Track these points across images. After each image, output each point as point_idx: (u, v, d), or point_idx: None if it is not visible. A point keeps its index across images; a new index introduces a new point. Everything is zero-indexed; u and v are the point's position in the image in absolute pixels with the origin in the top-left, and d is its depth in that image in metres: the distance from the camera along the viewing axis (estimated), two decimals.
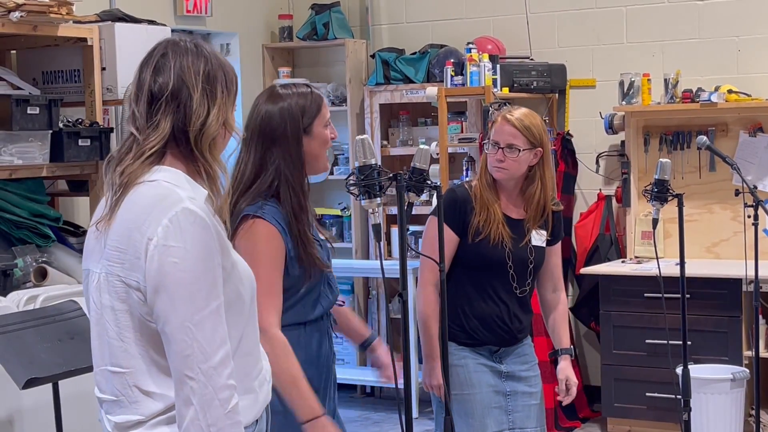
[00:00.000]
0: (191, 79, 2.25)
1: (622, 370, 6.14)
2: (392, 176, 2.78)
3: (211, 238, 2.18)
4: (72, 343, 3.94)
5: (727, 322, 5.85)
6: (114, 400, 2.26)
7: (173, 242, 2.14)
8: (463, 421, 3.70)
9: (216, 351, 2.14)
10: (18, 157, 4.75)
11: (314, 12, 7.24)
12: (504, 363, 3.78)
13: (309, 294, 3.07)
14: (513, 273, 3.73)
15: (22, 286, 4.72)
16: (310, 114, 3.06)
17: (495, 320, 3.73)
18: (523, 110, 3.73)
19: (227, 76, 2.32)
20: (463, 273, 3.72)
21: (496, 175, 3.71)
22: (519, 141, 3.64)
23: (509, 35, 6.91)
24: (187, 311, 2.13)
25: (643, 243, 6.50)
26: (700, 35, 6.49)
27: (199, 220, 2.17)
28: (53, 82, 5.26)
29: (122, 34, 5.13)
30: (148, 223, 2.16)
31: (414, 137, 7.11)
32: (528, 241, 3.75)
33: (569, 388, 3.83)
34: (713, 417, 5.53)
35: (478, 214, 3.70)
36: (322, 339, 3.13)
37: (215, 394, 2.13)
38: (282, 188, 3.01)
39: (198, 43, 2.33)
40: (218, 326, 2.16)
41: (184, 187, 2.23)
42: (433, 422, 6.44)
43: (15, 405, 4.37)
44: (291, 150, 3.02)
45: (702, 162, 6.42)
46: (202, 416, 2.13)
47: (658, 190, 4.04)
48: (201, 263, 2.15)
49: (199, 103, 2.25)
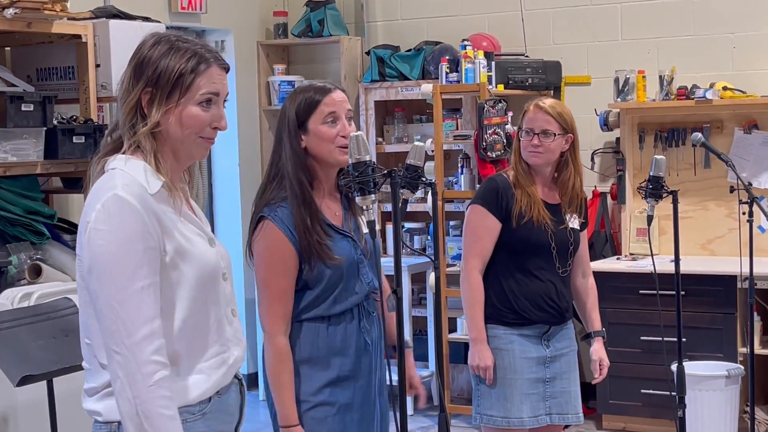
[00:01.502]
0: (130, 84, 2.38)
1: (618, 366, 6.11)
2: (387, 173, 2.78)
3: (138, 222, 2.30)
4: (66, 341, 3.93)
5: (722, 319, 5.86)
6: (88, 368, 2.43)
7: (101, 225, 2.29)
8: (500, 404, 3.87)
9: (139, 328, 2.27)
10: (12, 154, 4.74)
11: (309, 9, 7.24)
12: (551, 346, 3.93)
13: (329, 290, 3.12)
14: (556, 254, 3.89)
15: (17, 284, 4.71)
16: (305, 112, 3.11)
17: (544, 298, 3.88)
18: (552, 99, 3.98)
19: (160, 74, 2.37)
20: (508, 257, 3.88)
21: (531, 160, 3.88)
22: (553, 126, 3.85)
23: (504, 32, 6.91)
24: (111, 290, 2.27)
25: (638, 240, 6.51)
26: (695, 32, 6.50)
27: (127, 205, 2.30)
28: (47, 79, 5.26)
29: (116, 31, 5.12)
30: (89, 208, 2.34)
31: (409, 134, 7.10)
32: (566, 224, 3.91)
33: (602, 368, 4.06)
34: (708, 414, 5.54)
35: (520, 199, 3.86)
36: (348, 332, 3.16)
37: (138, 368, 2.26)
38: (285, 183, 3.11)
39: (178, 35, 2.43)
40: (142, 305, 2.28)
41: (138, 175, 2.34)
42: (428, 419, 6.47)
43: (9, 402, 4.37)
44: (290, 147, 3.12)
45: (697, 159, 6.42)
46: (127, 388, 2.26)
47: (653, 187, 4.05)
48: (125, 245, 2.28)
49: (148, 106, 2.38)
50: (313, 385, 3.14)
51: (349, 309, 3.15)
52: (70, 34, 5.02)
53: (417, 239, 6.92)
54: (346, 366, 3.16)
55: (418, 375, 3.39)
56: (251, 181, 7.23)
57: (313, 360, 3.14)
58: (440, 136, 6.51)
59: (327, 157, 3.12)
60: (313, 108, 3.11)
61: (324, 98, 3.12)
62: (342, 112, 3.14)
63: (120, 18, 5.26)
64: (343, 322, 3.15)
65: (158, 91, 2.36)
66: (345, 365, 3.15)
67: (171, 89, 2.36)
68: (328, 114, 3.11)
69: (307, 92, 3.15)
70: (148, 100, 2.37)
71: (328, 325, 3.14)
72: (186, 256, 2.39)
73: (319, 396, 3.13)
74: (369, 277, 3.19)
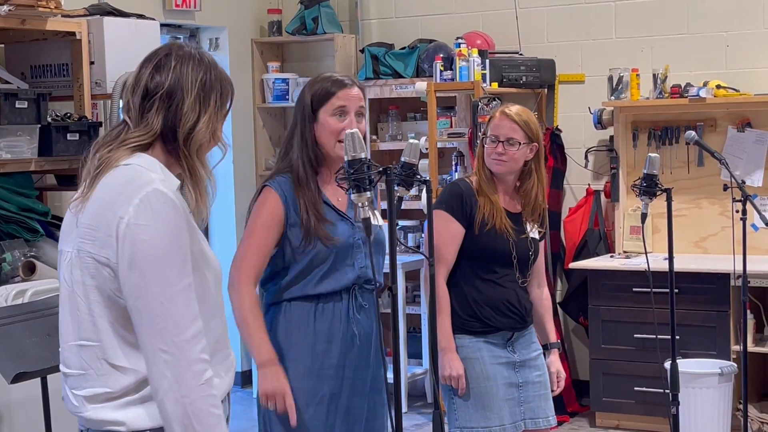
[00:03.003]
0: (188, 83, 2.35)
1: (611, 364, 6.15)
2: (382, 170, 2.79)
3: (179, 218, 2.26)
4: None
5: (716, 316, 5.87)
6: (81, 374, 2.31)
7: (143, 221, 2.22)
8: (479, 414, 3.78)
9: (188, 325, 2.22)
10: (6, 152, 4.74)
11: (303, 6, 7.24)
12: (517, 351, 3.86)
13: (316, 267, 3.20)
14: (516, 263, 3.83)
15: (11, 281, 4.71)
16: (317, 101, 3.27)
17: (506, 304, 3.82)
18: (517, 106, 3.88)
19: (223, 90, 2.42)
20: (468, 265, 3.82)
21: (495, 168, 3.82)
22: (518, 135, 3.78)
23: (498, 30, 6.92)
24: (159, 287, 2.21)
25: (632, 238, 6.52)
26: (689, 30, 6.51)
27: (169, 200, 2.26)
28: (42, 77, 5.25)
29: (111, 28, 5.12)
30: (119, 203, 2.25)
31: (403, 132, 7.10)
32: (527, 233, 3.85)
33: (559, 381, 3.97)
34: (701, 411, 5.55)
35: (482, 206, 3.80)
36: (335, 318, 3.23)
37: (189, 366, 2.20)
38: (294, 162, 3.27)
39: (203, 52, 2.43)
40: (190, 302, 2.24)
41: (156, 172, 2.31)
42: (422, 417, 6.47)
43: (3, 399, 4.37)
44: (302, 131, 3.27)
45: (690, 157, 6.43)
46: (176, 388, 2.19)
47: (647, 185, 4.05)
48: (171, 241, 2.23)
49: (190, 108, 2.35)
50: (298, 370, 3.20)
51: (337, 291, 3.23)
52: (64, 31, 5.02)
53: (411, 237, 6.93)
54: (333, 355, 3.22)
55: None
56: (245, 179, 7.23)
57: (300, 345, 3.21)
58: (434, 133, 6.52)
59: (329, 149, 3.26)
60: (327, 99, 3.26)
61: (339, 91, 3.26)
62: (353, 108, 3.27)
63: (114, 15, 5.25)
64: (330, 303, 3.22)
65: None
66: (331, 355, 3.22)
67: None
68: (338, 107, 3.25)
69: (325, 82, 3.29)
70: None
71: (316, 308, 3.21)
72: (206, 259, 2.37)
73: (304, 382, 3.20)
74: (363, 263, 3.26)
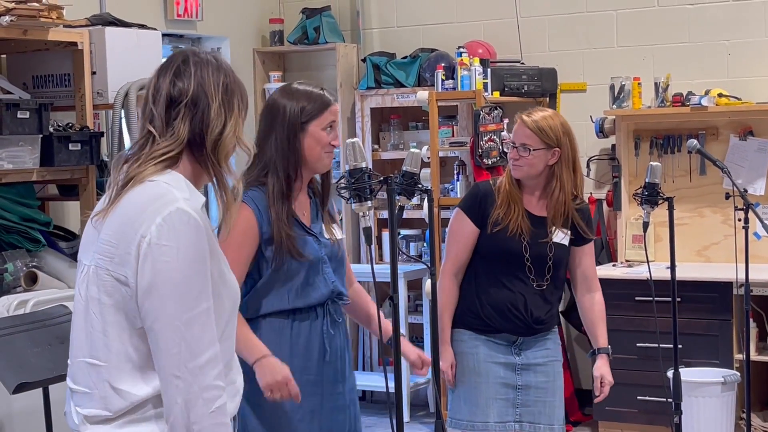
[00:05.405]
0: (211, 88, 2.31)
1: (614, 373, 6.08)
2: (383, 179, 2.79)
3: (202, 241, 2.20)
4: (62, 348, 3.92)
5: (718, 325, 5.86)
6: (87, 392, 2.28)
7: (165, 241, 2.16)
8: (467, 408, 3.86)
9: (203, 351, 2.17)
10: (8, 162, 4.74)
11: (305, 16, 7.24)
12: (522, 354, 3.87)
13: (286, 281, 3.20)
14: (530, 266, 3.83)
15: (13, 291, 4.71)
16: (310, 113, 3.24)
17: (509, 307, 3.83)
18: (543, 112, 3.88)
19: (242, 94, 2.39)
20: (479, 263, 3.88)
21: (513, 173, 3.87)
22: (532, 141, 3.80)
23: (500, 39, 6.92)
24: (176, 310, 2.15)
25: (634, 246, 6.51)
26: (691, 39, 6.51)
27: (193, 221, 2.20)
28: (43, 87, 5.25)
29: (113, 38, 5.12)
30: (141, 221, 2.19)
31: (405, 141, 7.11)
32: (549, 238, 3.85)
33: (603, 386, 3.99)
34: (704, 420, 5.54)
35: (499, 206, 3.84)
36: (312, 333, 3.24)
37: (200, 393, 2.16)
38: (270, 174, 3.21)
39: (217, 56, 2.40)
40: (207, 327, 2.18)
41: (182, 190, 2.25)
42: (425, 426, 6.47)
43: (5, 410, 4.36)
44: (284, 141, 3.21)
45: (692, 166, 6.43)
46: (186, 414, 2.15)
47: (649, 193, 4.05)
48: (192, 264, 2.17)
49: (216, 114, 2.30)
50: None
51: (312, 307, 3.24)
52: (66, 42, 5.02)
53: (413, 246, 6.93)
54: (311, 371, 3.23)
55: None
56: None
57: None
58: (436, 143, 6.52)
59: (315, 160, 3.25)
60: (320, 113, 3.25)
61: (331, 106, 3.28)
62: (337, 122, 3.31)
63: (116, 25, 5.26)
64: (307, 320, 3.23)
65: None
66: (309, 370, 3.22)
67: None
68: (330, 122, 3.26)
69: (312, 98, 3.26)
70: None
71: (292, 324, 3.22)
72: (224, 281, 2.31)
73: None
74: (332, 278, 3.29)
